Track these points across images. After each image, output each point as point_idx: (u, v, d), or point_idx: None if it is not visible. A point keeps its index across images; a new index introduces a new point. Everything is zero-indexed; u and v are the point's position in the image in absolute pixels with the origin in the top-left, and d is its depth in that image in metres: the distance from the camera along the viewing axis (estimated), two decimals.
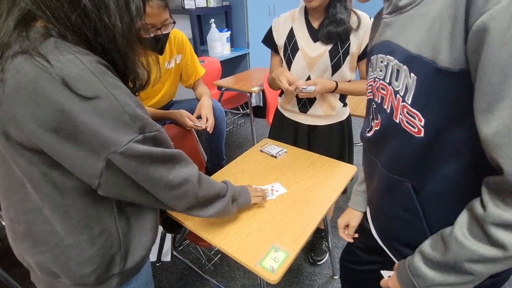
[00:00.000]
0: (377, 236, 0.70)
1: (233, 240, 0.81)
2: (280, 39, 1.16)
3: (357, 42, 1.05)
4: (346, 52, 1.06)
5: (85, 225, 0.54)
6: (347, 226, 0.86)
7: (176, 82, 1.37)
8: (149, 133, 0.50)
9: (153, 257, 1.58)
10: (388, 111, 0.53)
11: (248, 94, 2.22)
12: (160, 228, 1.34)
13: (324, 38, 1.05)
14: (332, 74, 1.10)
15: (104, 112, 0.45)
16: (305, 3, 1.04)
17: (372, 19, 1.05)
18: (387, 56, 0.53)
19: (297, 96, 1.19)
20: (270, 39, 1.19)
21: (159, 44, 1.14)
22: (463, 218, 0.45)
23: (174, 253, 1.52)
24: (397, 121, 0.52)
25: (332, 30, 1.02)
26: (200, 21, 2.95)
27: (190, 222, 0.87)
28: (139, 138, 0.48)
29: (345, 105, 1.21)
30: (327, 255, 1.55)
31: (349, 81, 1.14)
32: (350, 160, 1.31)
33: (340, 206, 1.86)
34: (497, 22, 0.34)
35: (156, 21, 1.06)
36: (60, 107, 0.42)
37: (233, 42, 2.91)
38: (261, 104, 2.99)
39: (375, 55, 0.57)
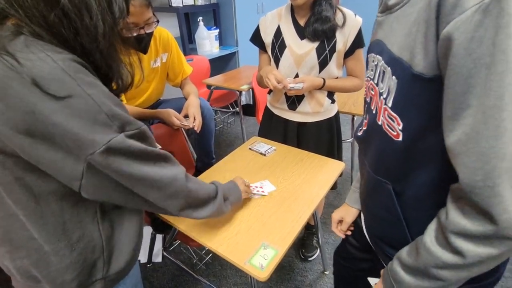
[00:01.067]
0: (367, 234, 0.71)
1: (222, 239, 0.81)
2: (267, 37, 1.16)
3: (343, 39, 1.06)
4: (333, 49, 1.07)
5: (63, 231, 0.53)
6: (340, 221, 0.86)
7: (163, 81, 1.35)
8: (129, 131, 0.48)
9: (143, 258, 1.56)
10: (374, 112, 0.54)
11: (238, 93, 2.21)
12: (150, 229, 1.33)
13: (311, 35, 1.05)
14: (320, 71, 1.11)
15: (78, 112, 0.43)
16: (291, 1, 1.04)
17: (357, 16, 1.07)
18: (377, 56, 0.53)
19: (285, 93, 1.20)
20: (258, 38, 1.19)
21: (142, 43, 1.13)
22: (432, 226, 0.45)
23: (165, 253, 1.51)
24: (380, 123, 0.52)
25: (318, 28, 1.03)
26: (188, 19, 2.92)
27: (179, 223, 0.86)
28: (119, 137, 0.46)
29: (333, 101, 1.22)
30: (318, 251, 1.57)
31: (337, 78, 1.15)
32: (339, 157, 1.32)
33: (330, 202, 1.88)
34: (461, 32, 0.34)
35: (139, 20, 1.04)
36: (31, 108, 0.40)
37: (221, 40, 2.89)
38: (251, 102, 2.99)
39: (370, 54, 0.58)
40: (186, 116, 1.21)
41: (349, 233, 0.85)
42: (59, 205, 0.51)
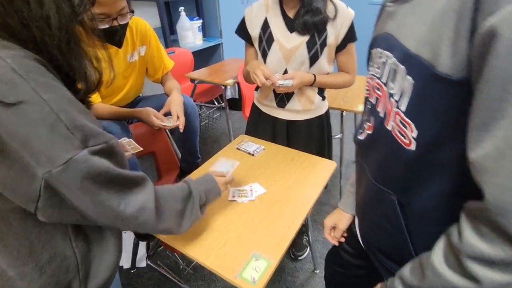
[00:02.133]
0: (362, 243, 0.67)
1: (210, 250, 0.75)
2: (254, 30, 1.09)
3: (335, 32, 1.01)
4: (324, 43, 1.01)
5: (30, 253, 0.46)
6: (334, 227, 0.82)
7: (141, 76, 1.25)
8: (94, 146, 0.41)
9: (126, 263, 1.48)
10: (381, 115, 0.48)
11: (223, 87, 2.12)
12: (133, 235, 1.25)
13: (301, 28, 0.99)
14: (310, 66, 1.05)
15: (32, 121, 0.36)
16: None
17: (349, 8, 1.02)
18: (386, 52, 0.46)
19: (274, 90, 1.13)
20: (243, 30, 1.12)
21: (116, 37, 1.02)
22: (440, 244, 0.41)
23: (148, 262, 1.44)
24: (389, 128, 0.46)
25: (308, 20, 0.97)
26: (168, 8, 2.77)
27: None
28: (81, 154, 0.39)
29: (323, 98, 1.17)
30: (308, 249, 1.54)
31: (328, 73, 1.10)
32: (329, 155, 1.28)
33: (319, 200, 1.85)
34: (509, 27, 0.28)
35: (111, 11, 0.94)
36: None
37: (205, 31, 2.77)
38: (237, 96, 2.90)
39: (375, 49, 0.51)
40: (167, 114, 1.12)
41: (342, 240, 0.81)
42: (22, 223, 0.44)
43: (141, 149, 0.95)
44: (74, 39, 0.44)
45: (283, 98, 1.14)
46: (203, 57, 2.89)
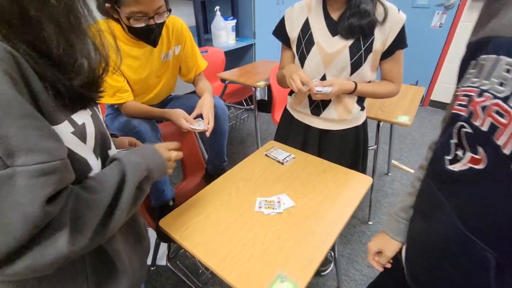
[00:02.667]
0: (411, 283, 0.58)
1: (233, 264, 0.70)
2: (293, 32, 1.03)
3: (382, 37, 0.92)
4: (369, 49, 0.93)
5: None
6: (378, 252, 0.72)
7: (174, 76, 1.24)
8: (23, 166, 0.32)
9: (147, 260, 1.49)
10: (506, 151, 0.35)
11: (253, 89, 2.09)
12: (155, 234, 1.24)
13: (345, 31, 0.92)
14: (351, 73, 0.98)
15: None
16: None
17: (401, 12, 0.92)
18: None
19: (309, 96, 1.07)
20: (282, 31, 1.06)
21: (152, 35, 1.00)
22: None
23: (168, 264, 1.43)
24: None
25: (354, 23, 0.89)
26: (204, 8, 2.79)
27: (185, 241, 0.77)
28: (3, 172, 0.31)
29: (362, 108, 1.09)
30: (332, 265, 1.46)
31: (369, 82, 1.02)
32: (363, 169, 1.20)
33: None
34: None
35: (148, 9, 0.92)
36: None
37: (238, 31, 2.76)
38: (266, 98, 2.86)
39: (492, 55, 0.37)
40: (198, 117, 1.10)
41: (388, 265, 0.72)
42: None
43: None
44: (74, 13, 0.39)
45: (318, 106, 1.07)
46: (235, 57, 2.88)
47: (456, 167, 0.42)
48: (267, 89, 2.76)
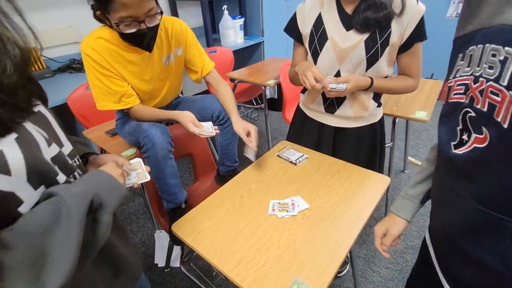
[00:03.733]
0: (447, 283, 0.56)
1: (248, 269, 0.69)
2: (305, 27, 0.99)
3: (399, 30, 0.88)
4: (386, 43, 0.89)
5: None
6: (384, 234, 0.71)
7: (179, 77, 1.22)
8: None
9: (161, 262, 1.49)
10: (505, 125, 0.38)
11: (263, 87, 2.06)
12: (168, 237, 1.24)
13: (360, 25, 0.87)
14: (367, 68, 0.93)
15: None
16: None
17: (419, 3, 0.88)
18: (506, 48, 0.37)
19: (323, 94, 1.04)
20: (294, 28, 1.02)
21: (145, 40, 0.96)
22: None
23: (182, 268, 1.43)
24: None
25: (370, 16, 0.85)
26: (212, 7, 2.78)
27: (198, 246, 0.75)
28: None
29: (379, 105, 1.04)
30: (348, 266, 1.42)
31: (386, 77, 0.97)
32: (380, 168, 1.15)
33: None
34: None
35: (138, 13, 0.87)
36: None
37: (246, 30, 2.73)
38: (276, 97, 2.83)
39: (480, 45, 0.42)
40: (204, 120, 1.08)
41: (394, 243, 0.72)
42: None
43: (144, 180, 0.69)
44: None
45: (332, 103, 1.04)
46: (244, 56, 2.86)
47: (461, 150, 0.46)
48: (277, 88, 2.72)
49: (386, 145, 1.45)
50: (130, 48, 1.01)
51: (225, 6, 2.36)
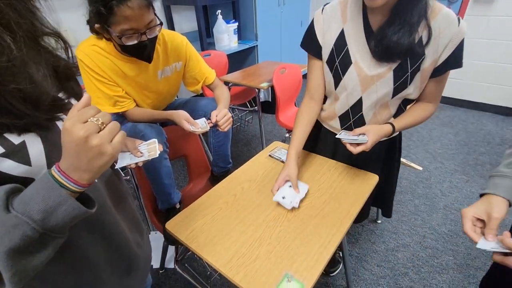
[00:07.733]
0: None
1: (239, 265, 0.71)
2: (325, 43, 0.88)
3: (434, 55, 0.78)
4: (417, 69, 0.80)
5: None
6: (480, 220, 0.59)
7: (176, 88, 1.23)
8: None
9: (156, 263, 1.50)
10: None
11: (257, 90, 2.09)
12: (162, 237, 1.25)
13: (386, 61, 0.80)
14: (393, 96, 0.85)
15: None
16: (366, 2, 0.73)
17: (461, 23, 0.73)
18: None
19: (339, 117, 0.99)
20: (312, 42, 0.90)
21: (145, 52, 0.98)
22: None
23: (177, 267, 1.44)
24: None
25: (396, 46, 0.75)
26: (206, 12, 2.82)
27: (191, 243, 0.77)
28: None
29: None
30: (341, 265, 1.45)
31: (408, 104, 0.91)
32: (395, 180, 1.17)
33: None
34: None
35: (139, 25, 0.89)
36: None
37: (240, 34, 2.77)
38: (270, 99, 2.86)
39: None
40: (198, 117, 1.10)
41: (507, 236, 0.57)
42: None
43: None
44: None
45: (351, 126, 0.97)
46: (238, 59, 2.90)
47: None
48: (270, 90, 2.76)
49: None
50: (125, 58, 1.03)
51: (219, 11, 2.40)
